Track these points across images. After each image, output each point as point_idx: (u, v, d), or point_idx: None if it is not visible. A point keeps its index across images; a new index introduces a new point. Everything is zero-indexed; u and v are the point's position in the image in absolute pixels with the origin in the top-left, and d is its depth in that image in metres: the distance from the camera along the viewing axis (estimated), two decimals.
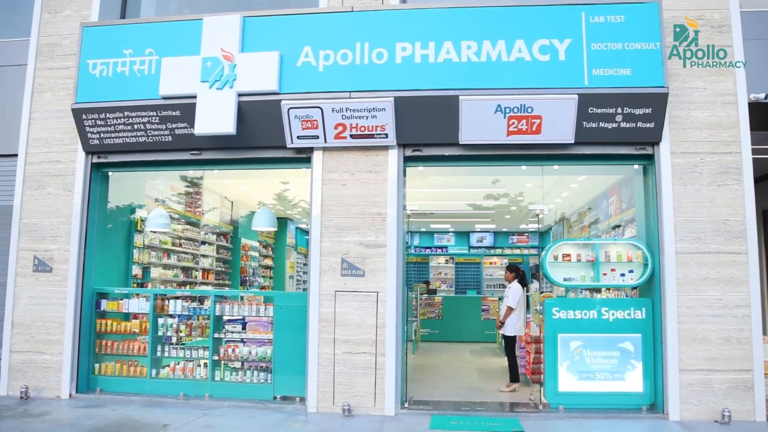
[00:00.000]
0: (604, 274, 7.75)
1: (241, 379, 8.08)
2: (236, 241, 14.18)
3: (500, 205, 14.98)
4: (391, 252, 7.56)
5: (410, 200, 8.14)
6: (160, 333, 8.41)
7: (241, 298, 8.60)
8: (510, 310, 8.90)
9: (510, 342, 9.02)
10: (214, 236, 13.11)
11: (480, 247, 20.55)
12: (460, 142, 7.51)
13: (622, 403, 7.45)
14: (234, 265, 14.08)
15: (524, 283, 9.10)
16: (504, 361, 12.28)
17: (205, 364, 8.20)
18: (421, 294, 16.45)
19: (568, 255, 7.81)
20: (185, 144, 8.10)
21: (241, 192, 13.54)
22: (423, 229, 20.52)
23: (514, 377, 8.87)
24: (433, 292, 17.46)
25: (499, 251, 20.46)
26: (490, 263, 20.36)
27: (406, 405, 7.63)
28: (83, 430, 6.50)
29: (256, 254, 15.26)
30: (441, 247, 20.70)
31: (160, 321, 8.43)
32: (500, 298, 14.08)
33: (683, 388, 7.18)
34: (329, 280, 7.64)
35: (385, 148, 7.73)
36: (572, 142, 7.42)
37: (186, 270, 11.95)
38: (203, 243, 12.66)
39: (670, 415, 7.15)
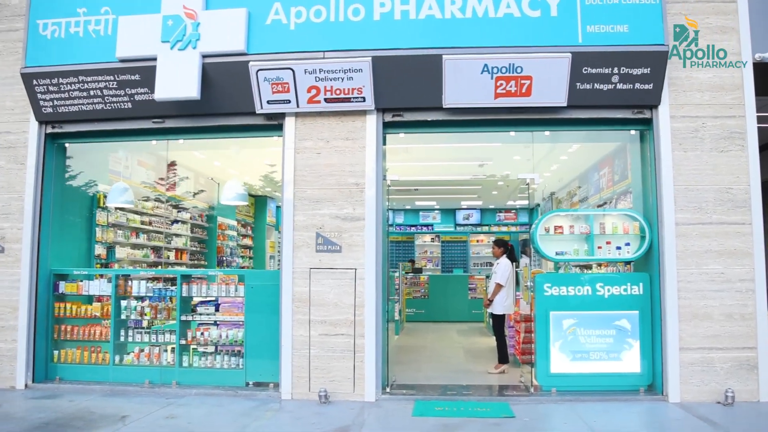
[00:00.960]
0: (599, 248, 7.24)
1: (211, 365, 7.52)
2: (212, 220, 13.54)
3: (486, 181, 14.46)
4: (369, 225, 6.99)
5: (391, 174, 7.51)
6: (123, 316, 7.80)
7: (211, 277, 8.00)
8: (498, 287, 8.37)
9: (498, 321, 8.51)
10: (188, 215, 12.46)
11: (466, 225, 20.05)
12: (444, 106, 6.92)
13: (618, 385, 6.99)
14: (210, 244, 13.45)
15: (513, 259, 8.57)
16: (492, 341, 11.81)
17: (173, 349, 7.62)
18: (406, 273, 15.96)
19: (561, 227, 7.28)
20: (146, 111, 7.44)
21: (230, 174, 12.95)
22: (408, 207, 19.98)
23: (503, 358, 8.37)
24: (419, 271, 16.97)
25: (486, 228, 19.98)
26: (477, 241, 19.88)
27: (388, 390, 7.11)
28: (30, 425, 5.91)
29: (234, 233, 14.63)
30: (426, 225, 20.18)
31: (123, 303, 7.81)
32: (487, 276, 13.65)
33: (683, 367, 6.72)
34: (303, 257, 7.07)
35: (363, 113, 7.12)
36: (565, 105, 6.85)
37: (157, 250, 11.32)
38: (176, 222, 12.01)
39: (670, 397, 6.68)
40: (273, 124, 7.35)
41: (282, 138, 7.27)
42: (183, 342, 7.59)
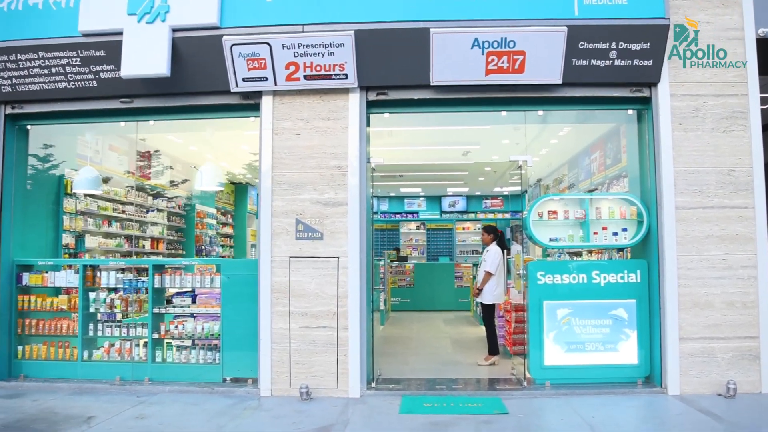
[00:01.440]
0: (595, 234, 6.88)
1: (186, 360, 7.09)
2: (190, 208, 13.04)
3: (473, 167, 14.08)
4: (353, 211, 6.57)
5: (376, 157, 7.08)
6: (92, 309, 7.33)
7: (189, 267, 7.55)
8: (488, 275, 8.00)
9: (488, 311, 8.14)
10: (165, 202, 11.95)
11: (452, 212, 19.69)
12: (432, 84, 6.50)
13: (614, 377, 6.67)
14: (188, 233, 12.96)
15: (503, 246, 8.20)
16: (480, 331, 11.50)
17: (145, 343, 7.17)
18: (391, 261, 15.59)
19: (555, 212, 6.91)
20: (113, 90, 6.94)
21: (223, 167, 12.48)
22: (392, 194, 19.56)
23: (493, 349, 8.02)
24: (404, 259, 16.60)
25: (472, 216, 19.63)
26: (463, 229, 19.53)
27: (373, 385, 6.72)
28: None
29: (214, 222, 14.13)
30: (412, 213, 19.78)
31: (92, 296, 7.34)
32: (475, 264, 13.31)
33: (683, 358, 6.40)
34: (282, 245, 6.64)
35: (345, 91, 6.68)
36: (559, 82, 6.46)
37: (131, 239, 10.82)
38: (152, 210, 11.50)
39: (669, 389, 6.37)
40: (249, 104, 6.88)
41: (259, 118, 6.82)
42: (156, 336, 7.15)
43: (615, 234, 6.85)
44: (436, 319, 13.59)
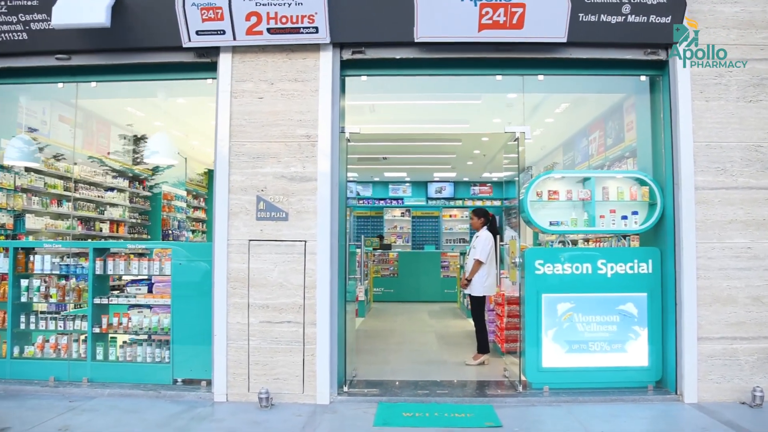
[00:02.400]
0: (601, 217, 6.00)
1: (132, 358, 6.16)
2: (156, 189, 12.02)
3: (461, 149, 13.21)
4: (323, 187, 5.65)
5: (352, 126, 6.14)
6: (24, 299, 6.37)
7: (127, 252, 6.59)
8: (478, 264, 7.11)
9: (478, 304, 7.26)
10: (126, 181, 10.94)
11: (439, 199, 18.80)
12: (416, 40, 5.57)
13: (622, 381, 5.84)
14: (154, 216, 11.95)
15: (495, 231, 7.30)
16: (467, 324, 10.65)
17: (85, 339, 6.23)
18: (374, 249, 14.73)
19: (556, 192, 6.02)
20: (47, 44, 5.96)
21: (193, 147, 11.49)
22: (376, 179, 18.62)
23: (483, 347, 7.15)
24: (388, 247, 15.72)
25: (459, 203, 18.76)
26: (450, 216, 18.66)
27: (346, 389, 5.83)
28: None
29: (183, 205, 13.13)
30: (396, 199, 18.87)
31: (24, 283, 6.37)
32: (462, 254, 12.45)
33: (702, 361, 5.57)
34: (241, 226, 5.70)
35: (316, 47, 5.74)
36: (564, 41, 5.57)
37: (86, 221, 9.82)
38: (110, 189, 10.49)
39: (685, 396, 5.54)
40: (205, 63, 5.92)
41: (216, 80, 5.86)
42: (97, 330, 6.20)
43: (624, 218, 5.98)
44: (420, 311, 12.77)
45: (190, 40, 5.69)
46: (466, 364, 7.09)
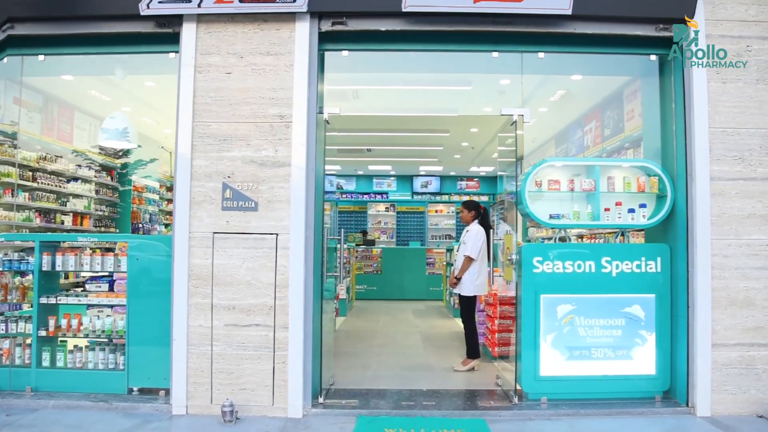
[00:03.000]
0: (606, 210, 5.43)
1: (82, 365, 5.50)
2: (126, 180, 11.29)
3: (448, 141, 12.62)
4: (298, 174, 5.02)
5: (331, 106, 5.51)
6: None
7: (91, 246, 5.92)
8: (469, 261, 6.52)
9: (468, 305, 6.66)
10: (92, 171, 10.20)
11: (425, 194, 18.21)
12: (404, 10, 4.97)
13: (627, 391, 5.29)
14: (123, 209, 11.22)
15: (487, 225, 6.71)
16: (454, 324, 10.10)
17: (30, 343, 5.56)
18: (357, 245, 14.12)
19: (557, 181, 5.44)
20: None
21: (166, 135, 10.75)
22: (360, 172, 17.98)
23: (473, 352, 6.57)
24: (371, 243, 15.11)
25: (445, 198, 18.20)
26: (436, 211, 18.11)
27: (321, 400, 5.21)
28: None
29: (155, 197, 12.40)
30: (381, 193, 18.25)
31: None
32: (449, 250, 11.87)
33: (716, 370, 5.03)
34: (204, 217, 5.06)
35: (291, 17, 5.11)
36: (569, 13, 5.00)
37: (46, 213, 9.09)
38: (74, 180, 9.76)
39: (698, 409, 5.00)
40: (166, 33, 5.26)
41: (179, 54, 5.21)
42: (44, 333, 5.53)
43: (631, 211, 5.41)
44: (405, 310, 12.21)
45: (148, 7, 5.04)
46: (455, 370, 6.51)
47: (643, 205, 5.41)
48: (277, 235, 4.99)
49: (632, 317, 5.29)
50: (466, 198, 17.64)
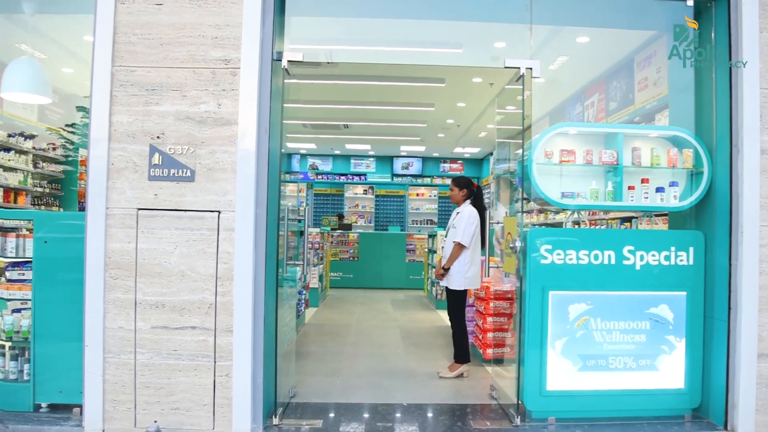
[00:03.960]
0: (630, 188, 4.43)
1: None
2: (72, 151, 10.06)
3: (433, 116, 11.59)
4: (247, 135, 3.93)
5: (293, 52, 4.38)
6: None
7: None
8: (459, 248, 5.48)
9: (457, 300, 5.62)
10: (29, 141, 8.98)
11: (405, 176, 17.17)
12: None
13: (650, 408, 4.36)
14: (67, 185, 10.01)
15: (482, 207, 5.68)
16: (437, 317, 9.14)
17: None
18: (332, 230, 13.09)
19: (572, 152, 4.41)
20: None
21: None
22: (337, 152, 16.86)
23: (462, 356, 5.57)
24: (348, 227, 14.07)
25: (428, 180, 17.18)
26: (417, 195, 17.10)
27: (277, 420, 4.17)
28: None
29: None
30: (359, 174, 17.15)
31: None
32: (430, 236, 10.87)
33: (763, 386, 4.08)
34: (126, 189, 3.96)
35: None
36: None
37: None
38: (5, 150, 8.55)
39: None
40: None
41: None
42: None
43: (660, 190, 4.42)
44: (383, 300, 11.25)
45: None
46: (441, 376, 5.51)
47: (674, 183, 4.42)
48: (219, 213, 3.91)
49: (658, 319, 4.32)
50: (449, 182, 16.71)
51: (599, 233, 4.79)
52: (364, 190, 17.06)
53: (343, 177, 17.07)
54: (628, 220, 7.00)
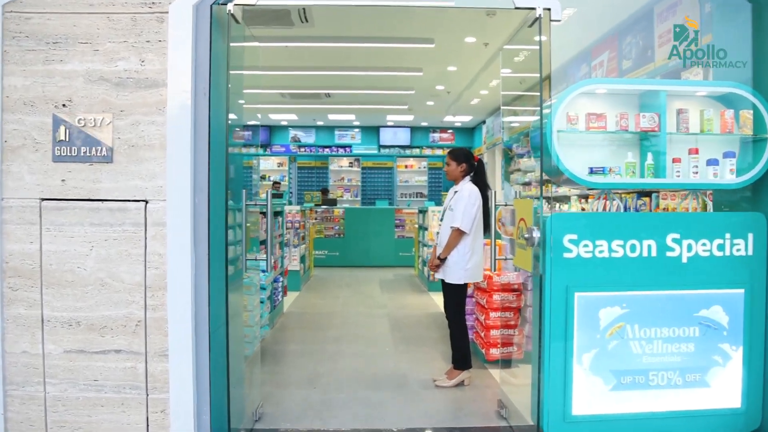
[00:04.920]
0: (674, 162, 3.52)
1: None
2: None
3: (422, 82, 10.62)
4: (178, 100, 2.98)
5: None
6: None
7: None
8: (458, 235, 4.56)
9: (456, 296, 4.70)
10: None
11: (393, 147, 16.20)
12: None
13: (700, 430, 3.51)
14: None
15: (484, 185, 4.75)
16: (429, 302, 8.35)
17: None
18: (315, 205, 12.22)
19: (602, 116, 3.49)
20: None
21: None
22: (320, 123, 15.86)
23: (463, 361, 4.70)
24: (332, 202, 13.16)
25: (416, 151, 16.24)
26: (406, 166, 16.17)
27: None
28: None
29: None
30: (343, 146, 16.17)
31: None
32: (420, 211, 9.96)
33: None
34: (25, 173, 3.01)
35: None
36: None
37: None
38: None
39: None
40: None
41: None
42: None
43: (712, 163, 3.51)
44: (370, 281, 10.46)
45: None
46: (437, 385, 4.66)
47: (729, 154, 3.52)
48: (146, 203, 2.98)
49: (710, 324, 3.47)
50: (439, 152, 15.78)
51: (636, 218, 3.90)
52: (350, 163, 16.10)
53: (327, 149, 16.10)
54: (647, 194, 6.12)
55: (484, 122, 14.67)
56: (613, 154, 3.58)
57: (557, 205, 9.67)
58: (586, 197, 7.60)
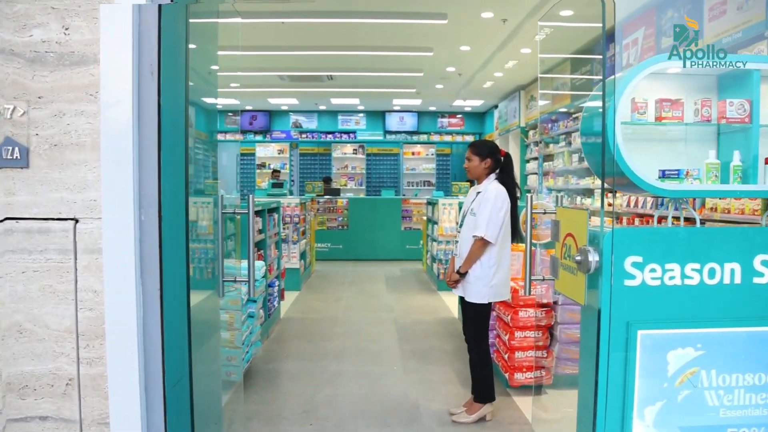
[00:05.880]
0: (767, 162, 2.76)
1: None
2: None
3: (431, 62, 9.83)
4: (116, 81, 2.21)
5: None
6: None
7: None
8: (482, 246, 3.79)
9: (478, 318, 3.93)
10: None
11: (399, 132, 15.45)
12: None
13: None
14: None
15: (513, 185, 3.96)
16: (440, 305, 7.67)
17: None
18: (317, 195, 11.52)
19: (678, 104, 2.71)
20: None
21: None
22: (322, 107, 15.09)
23: (485, 393, 3.96)
24: (335, 192, 12.44)
25: (424, 137, 15.48)
26: (413, 153, 15.43)
27: None
28: None
29: None
30: (347, 132, 15.43)
31: None
32: (429, 203, 9.18)
33: None
34: None
35: None
36: None
37: None
38: None
39: None
40: None
41: None
42: None
43: None
44: (376, 278, 9.80)
45: None
46: (454, 420, 3.94)
47: None
48: (75, 221, 2.23)
49: None
50: (447, 138, 15.02)
51: (714, 234, 3.09)
52: (354, 150, 15.36)
53: (330, 135, 15.37)
54: (651, 220, 5.36)
55: (496, 107, 13.89)
56: (683, 153, 2.81)
57: (578, 198, 8.91)
58: (614, 191, 6.82)
